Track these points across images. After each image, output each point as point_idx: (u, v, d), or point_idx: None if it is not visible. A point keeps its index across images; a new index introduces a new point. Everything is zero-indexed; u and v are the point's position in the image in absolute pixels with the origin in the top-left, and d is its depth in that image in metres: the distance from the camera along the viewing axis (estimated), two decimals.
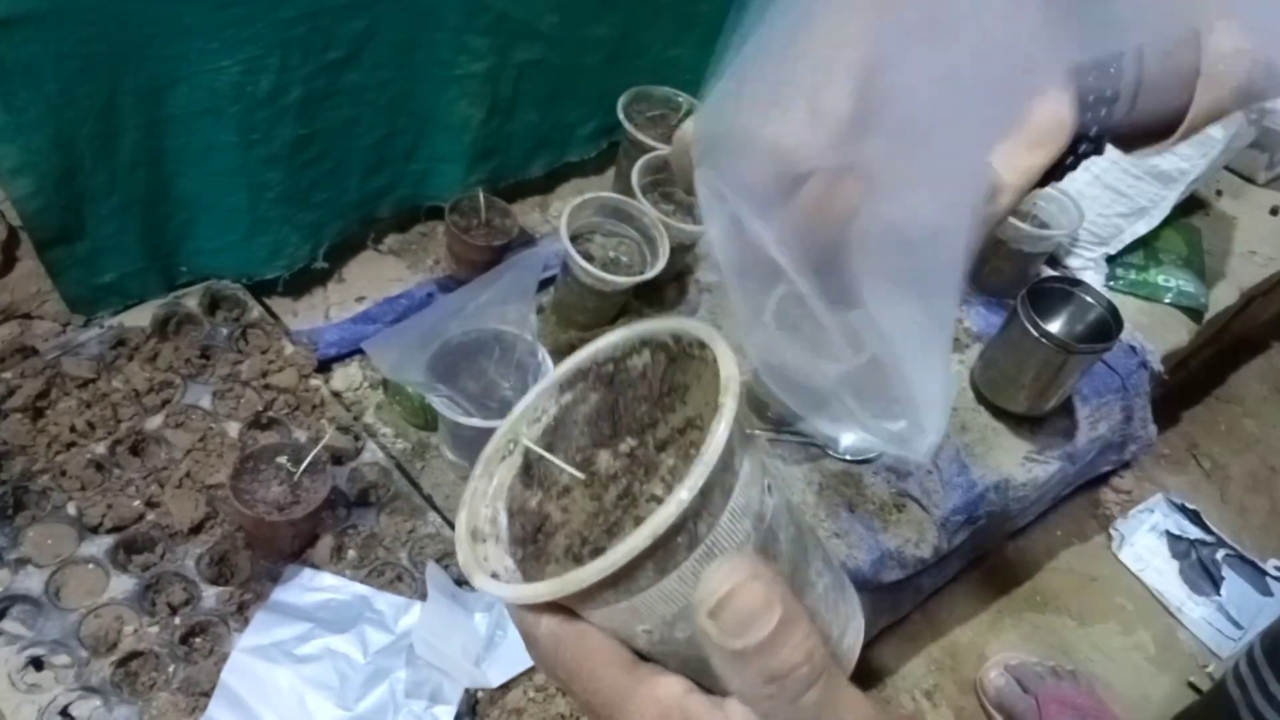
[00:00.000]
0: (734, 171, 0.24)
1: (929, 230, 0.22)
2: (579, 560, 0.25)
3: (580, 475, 0.27)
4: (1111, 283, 1.25)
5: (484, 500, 0.28)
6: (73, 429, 0.75)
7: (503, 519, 0.28)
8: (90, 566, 0.70)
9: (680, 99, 1.08)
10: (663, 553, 0.22)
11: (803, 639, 0.21)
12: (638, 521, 0.22)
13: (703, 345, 0.25)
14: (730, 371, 0.24)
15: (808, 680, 0.21)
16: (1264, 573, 1.39)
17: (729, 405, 0.22)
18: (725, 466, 0.22)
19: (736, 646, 0.20)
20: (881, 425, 0.25)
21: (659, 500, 0.24)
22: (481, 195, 0.95)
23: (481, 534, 0.27)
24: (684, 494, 0.21)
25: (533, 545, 0.27)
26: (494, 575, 0.26)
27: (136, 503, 0.73)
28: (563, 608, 0.24)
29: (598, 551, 0.23)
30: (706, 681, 0.24)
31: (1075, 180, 1.13)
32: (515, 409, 0.29)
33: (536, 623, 0.24)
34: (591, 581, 0.22)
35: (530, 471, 0.28)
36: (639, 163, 0.97)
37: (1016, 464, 1.04)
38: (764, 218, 0.24)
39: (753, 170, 0.24)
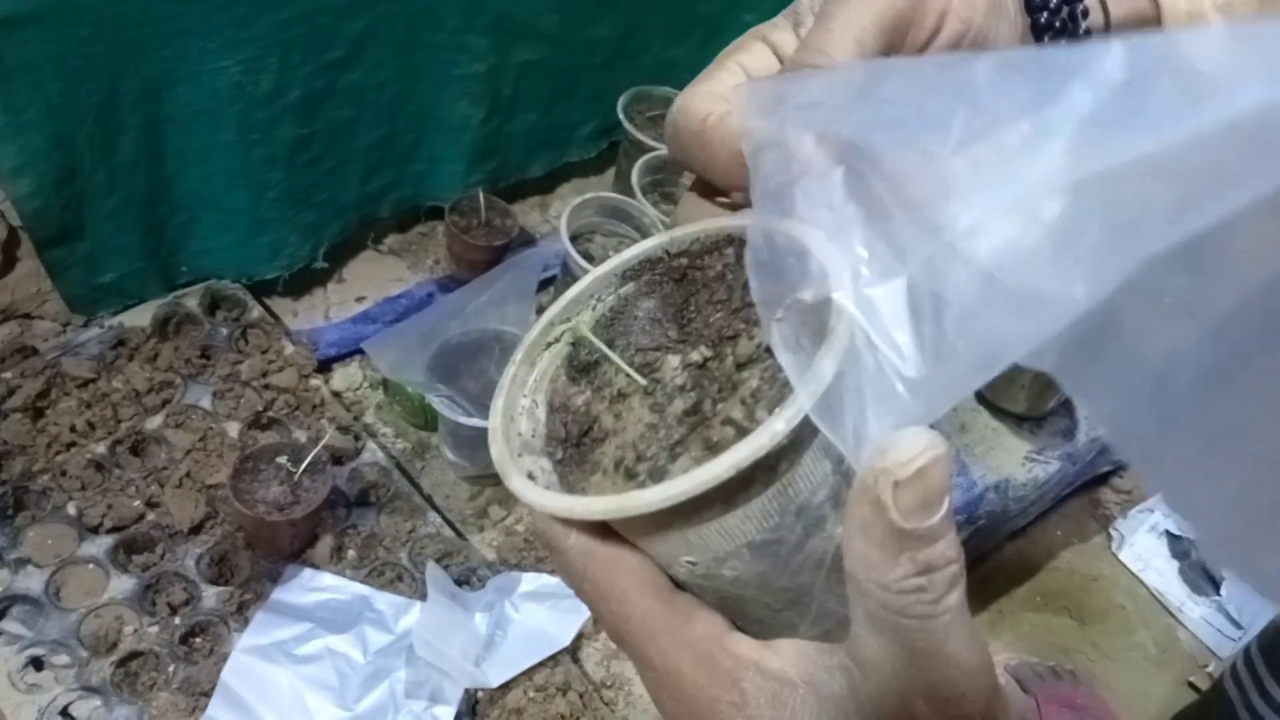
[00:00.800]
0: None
1: None
2: (632, 476, 0.22)
3: (642, 380, 0.23)
4: None
5: (523, 390, 0.25)
6: (73, 429, 0.75)
7: (541, 413, 0.25)
8: (90, 566, 0.70)
9: None
10: (737, 486, 0.19)
11: (955, 534, 0.18)
12: (707, 444, 0.21)
13: (804, 255, 0.21)
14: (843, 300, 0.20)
15: (955, 579, 0.19)
16: None
17: (840, 332, 0.19)
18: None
19: (910, 526, 0.18)
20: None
21: (735, 425, 0.21)
22: (481, 195, 0.95)
23: (518, 428, 0.24)
24: (780, 425, 0.19)
25: (575, 448, 0.24)
26: (530, 476, 0.23)
27: (136, 503, 0.73)
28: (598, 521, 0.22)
29: (658, 471, 0.21)
30: (741, 622, 0.22)
31: None
32: (568, 292, 0.26)
33: (566, 533, 0.22)
34: (655, 509, 0.19)
35: (578, 365, 0.25)
36: (639, 163, 0.97)
37: (1016, 464, 1.04)
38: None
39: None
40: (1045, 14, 0.28)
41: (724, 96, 0.25)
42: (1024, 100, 0.18)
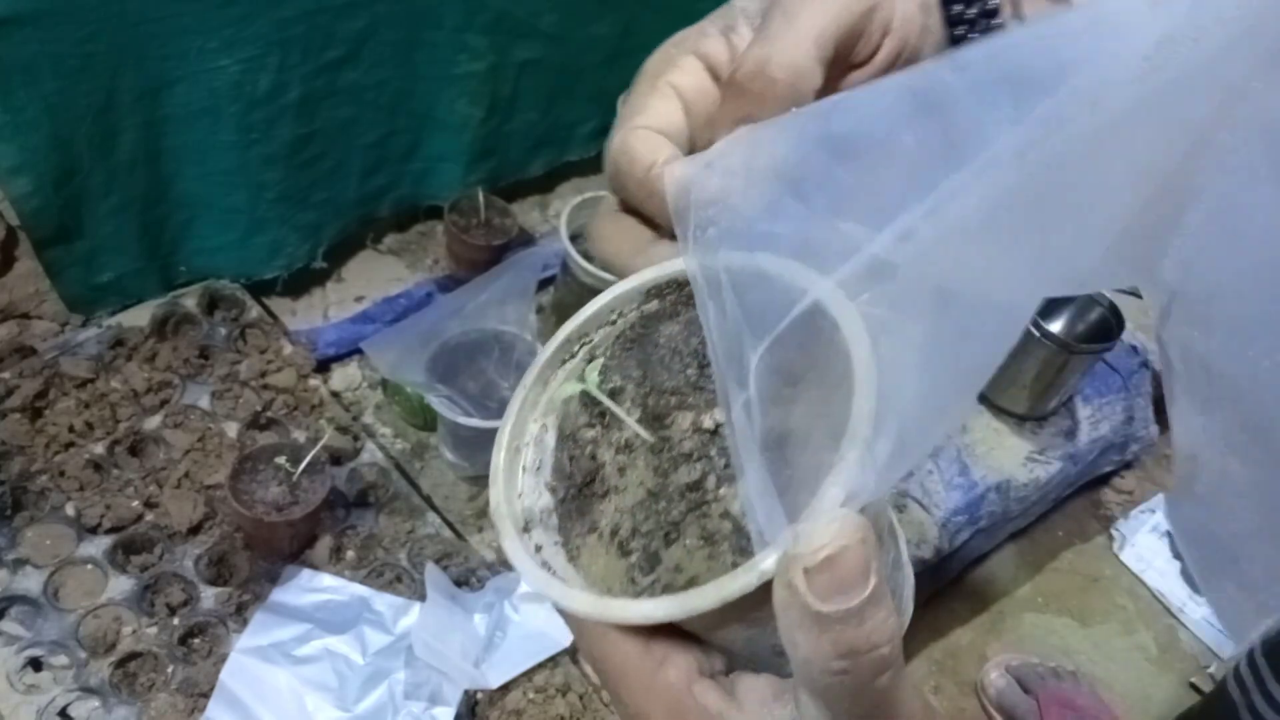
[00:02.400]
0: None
1: None
2: (625, 552, 0.22)
3: (649, 438, 0.22)
4: None
5: (533, 412, 0.24)
6: (71, 429, 0.75)
7: (550, 439, 0.24)
8: (89, 567, 0.70)
9: None
10: (725, 607, 0.19)
11: (886, 617, 0.19)
12: (703, 532, 0.20)
13: (823, 315, 0.20)
14: (864, 409, 0.18)
15: (885, 663, 0.19)
16: None
17: (848, 459, 0.18)
18: None
19: (825, 610, 0.18)
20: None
21: (733, 521, 0.21)
22: (481, 195, 0.95)
23: (523, 461, 0.24)
24: (768, 564, 0.18)
25: (577, 494, 0.23)
26: (526, 528, 0.23)
27: (135, 503, 0.73)
28: None
29: (650, 557, 0.21)
30: (738, 663, 0.22)
31: None
32: (588, 307, 0.25)
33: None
34: (648, 622, 0.20)
35: (592, 401, 0.24)
36: None
37: (1018, 464, 1.04)
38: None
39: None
40: (964, 27, 0.28)
41: (665, 137, 0.25)
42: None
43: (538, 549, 0.23)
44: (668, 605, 0.20)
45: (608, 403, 0.23)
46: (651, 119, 0.26)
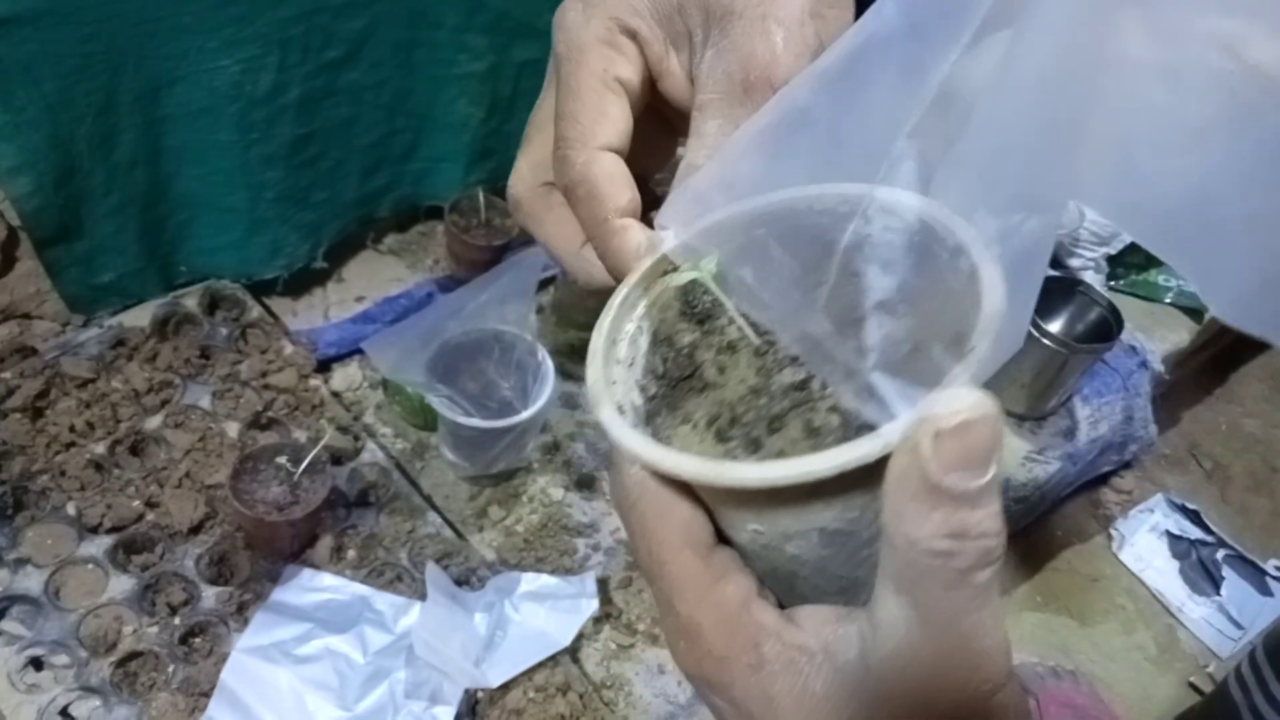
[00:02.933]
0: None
1: None
2: (723, 439, 0.21)
3: (756, 339, 0.22)
4: (1112, 282, 1.25)
5: (631, 313, 0.24)
6: (72, 429, 0.75)
7: (644, 341, 0.24)
8: (90, 566, 0.70)
9: None
10: (832, 480, 0.19)
11: (998, 512, 0.18)
12: (808, 426, 0.20)
13: (960, 253, 0.20)
14: (995, 305, 0.19)
15: (989, 556, 0.18)
16: (1264, 573, 1.39)
17: (979, 348, 0.18)
18: None
19: (945, 482, 0.17)
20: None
21: (842, 415, 0.20)
22: (481, 195, 0.95)
23: (618, 354, 0.24)
24: (896, 436, 0.18)
25: (670, 390, 0.23)
26: (620, 410, 0.22)
27: (136, 503, 0.73)
28: None
29: (751, 443, 0.20)
30: (782, 594, 0.22)
31: None
32: (699, 223, 0.24)
33: (630, 464, 0.22)
34: (746, 486, 0.19)
35: (693, 304, 0.24)
36: None
37: (1016, 464, 1.04)
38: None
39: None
40: None
41: (619, 156, 0.27)
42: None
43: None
44: (784, 468, 0.19)
45: (719, 293, 0.23)
46: (610, 135, 0.26)
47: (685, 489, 0.22)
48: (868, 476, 0.19)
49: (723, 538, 0.22)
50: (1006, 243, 0.20)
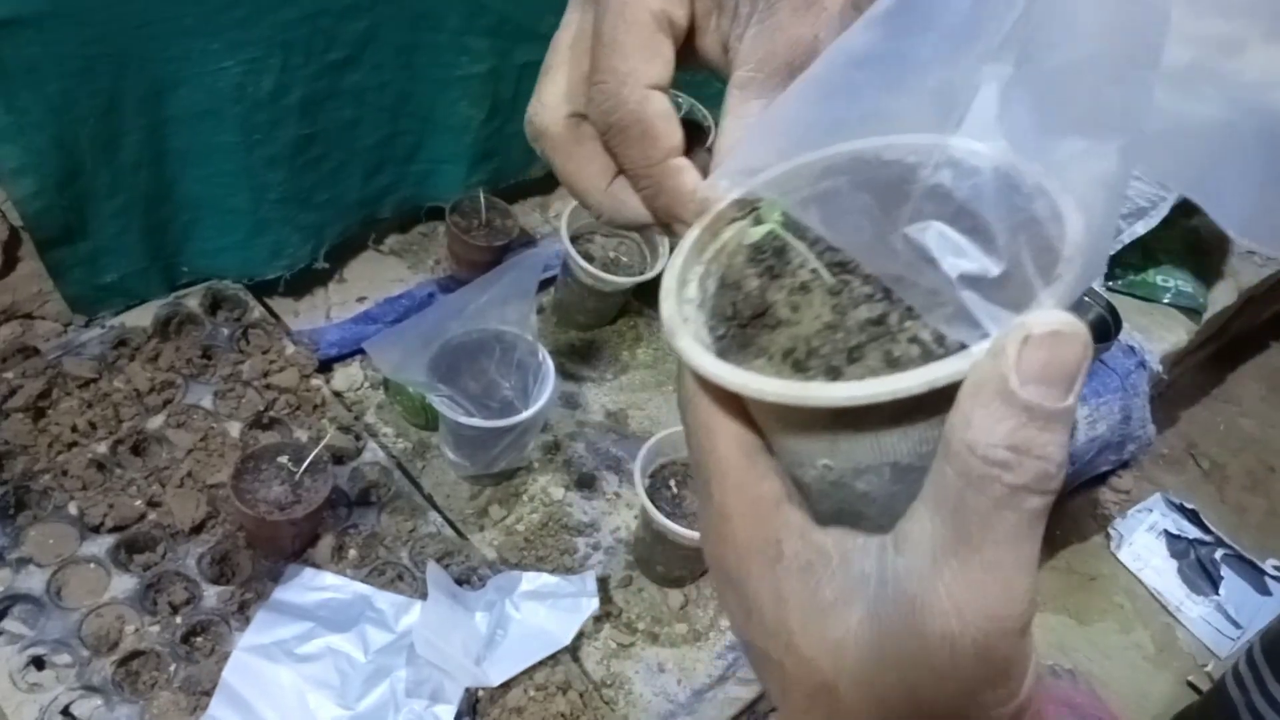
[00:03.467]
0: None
1: None
2: (801, 369, 0.21)
3: (830, 278, 0.22)
4: (1110, 283, 1.25)
5: (699, 256, 0.24)
6: (74, 429, 0.75)
7: (712, 285, 0.24)
8: (92, 566, 0.70)
9: (680, 99, 1.09)
10: (914, 405, 0.18)
11: (1065, 445, 0.17)
12: (888, 357, 0.20)
13: (1037, 195, 0.20)
14: (1077, 235, 0.19)
15: (1045, 482, 0.17)
16: (1262, 572, 1.40)
17: (1066, 277, 0.18)
18: None
19: (1021, 393, 0.16)
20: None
21: (922, 345, 0.20)
22: (482, 196, 0.95)
23: (688, 294, 0.24)
24: (941, 373, 0.18)
25: (740, 330, 0.23)
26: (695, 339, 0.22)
27: (138, 502, 0.73)
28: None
29: (831, 370, 0.20)
30: (842, 521, 0.22)
31: None
32: (766, 173, 0.24)
33: (700, 393, 0.22)
34: (835, 404, 0.19)
35: (761, 247, 0.23)
36: None
37: None
38: None
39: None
40: None
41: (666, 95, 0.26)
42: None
43: None
44: (874, 385, 0.18)
45: (788, 237, 0.23)
46: (661, 75, 0.25)
47: (729, 420, 0.22)
48: (947, 401, 0.18)
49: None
50: (1080, 167, 0.19)
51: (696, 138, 0.27)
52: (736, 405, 0.22)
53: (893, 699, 0.19)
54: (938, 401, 0.18)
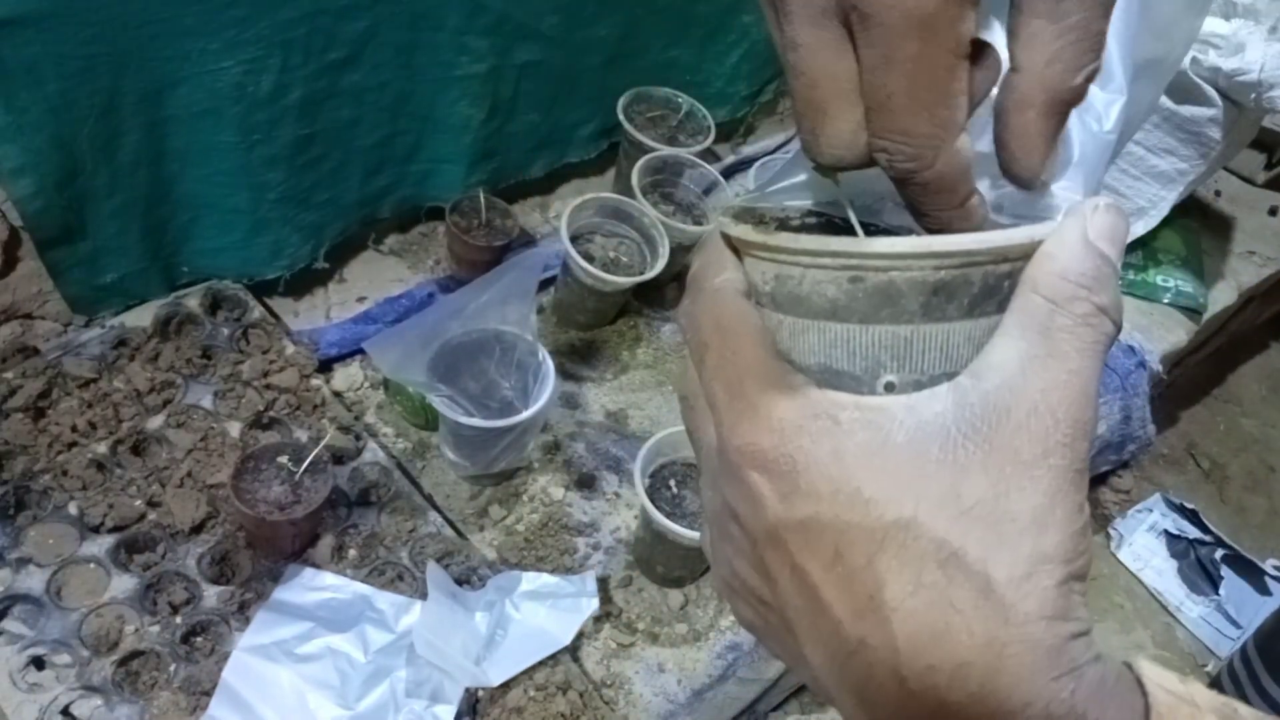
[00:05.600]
0: None
1: None
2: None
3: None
4: None
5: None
6: (74, 429, 0.75)
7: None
8: (91, 566, 0.70)
9: (680, 100, 1.09)
10: (982, 292, 0.20)
11: (1117, 295, 0.21)
12: None
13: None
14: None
15: (1117, 311, 0.21)
16: (1263, 572, 1.40)
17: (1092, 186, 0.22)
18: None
19: (1100, 243, 0.21)
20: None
21: None
22: (482, 196, 0.95)
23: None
24: (1044, 230, 0.21)
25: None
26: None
27: (138, 502, 0.73)
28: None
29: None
30: None
31: None
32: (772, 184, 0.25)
33: (719, 270, 0.23)
34: (910, 250, 0.20)
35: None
36: (639, 163, 0.98)
37: None
38: None
39: None
40: None
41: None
42: None
43: None
44: (947, 241, 0.20)
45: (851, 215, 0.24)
46: (963, 116, 0.23)
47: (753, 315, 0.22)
48: (1001, 300, 0.21)
49: None
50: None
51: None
52: (759, 319, 0.23)
53: (979, 510, 0.19)
54: (1003, 293, 0.21)
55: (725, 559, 0.23)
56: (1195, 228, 1.36)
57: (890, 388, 0.21)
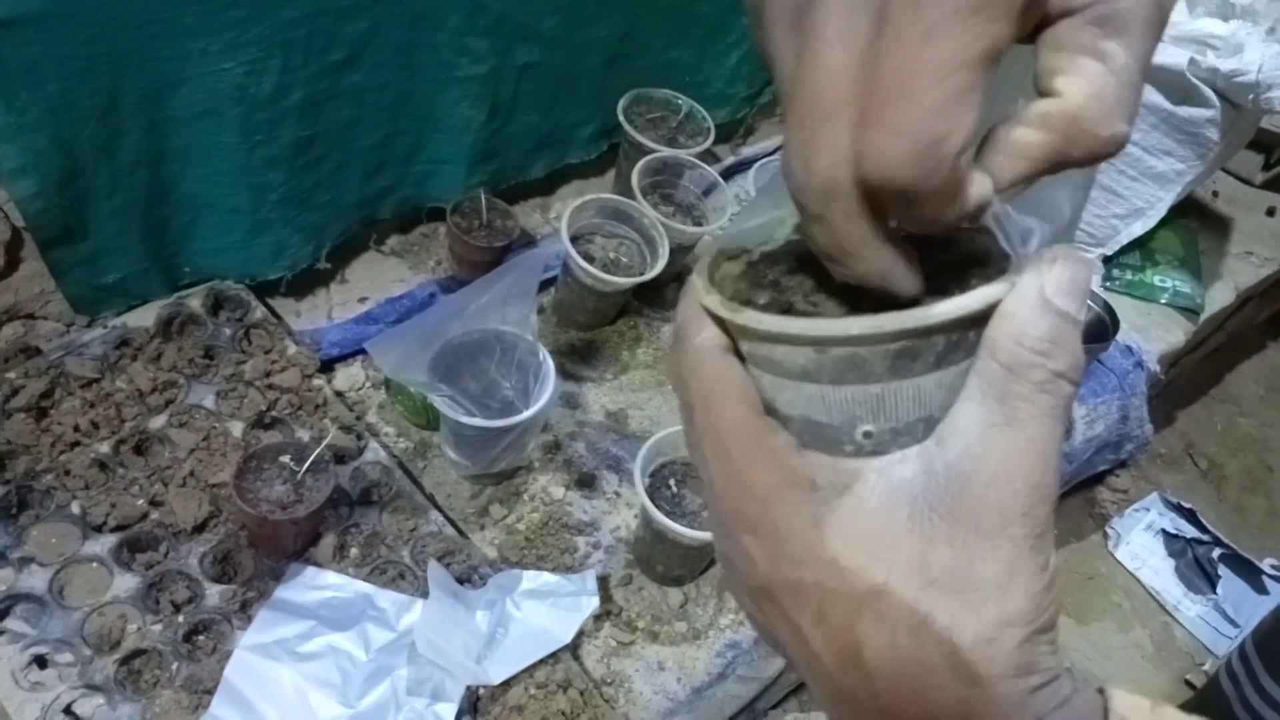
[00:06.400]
0: None
1: None
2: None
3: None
4: (1108, 283, 1.26)
5: (707, 279, 0.24)
6: (76, 428, 0.75)
7: (743, 283, 0.24)
8: (94, 565, 0.70)
9: (680, 101, 1.09)
10: (960, 340, 0.21)
11: (1080, 350, 0.21)
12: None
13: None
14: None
15: (1076, 373, 0.21)
16: (1260, 571, 1.40)
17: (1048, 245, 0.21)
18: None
19: (1057, 300, 0.20)
20: None
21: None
22: (483, 196, 0.96)
23: (720, 275, 0.24)
24: (997, 290, 0.20)
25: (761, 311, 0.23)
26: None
27: (140, 502, 0.73)
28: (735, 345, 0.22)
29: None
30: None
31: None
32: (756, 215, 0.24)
33: (699, 329, 0.23)
34: (878, 330, 0.20)
35: (762, 275, 0.24)
36: (639, 164, 0.98)
37: None
38: None
39: None
40: None
41: None
42: None
43: None
44: (901, 317, 0.20)
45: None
46: (970, 133, 0.19)
47: (737, 365, 0.23)
48: (971, 349, 0.21)
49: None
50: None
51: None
52: (741, 375, 0.23)
53: (946, 580, 0.20)
54: (969, 342, 0.21)
55: (733, 589, 0.26)
56: (1193, 228, 1.36)
57: (869, 435, 0.22)
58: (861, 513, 0.21)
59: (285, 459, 0.71)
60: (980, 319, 0.21)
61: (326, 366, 0.89)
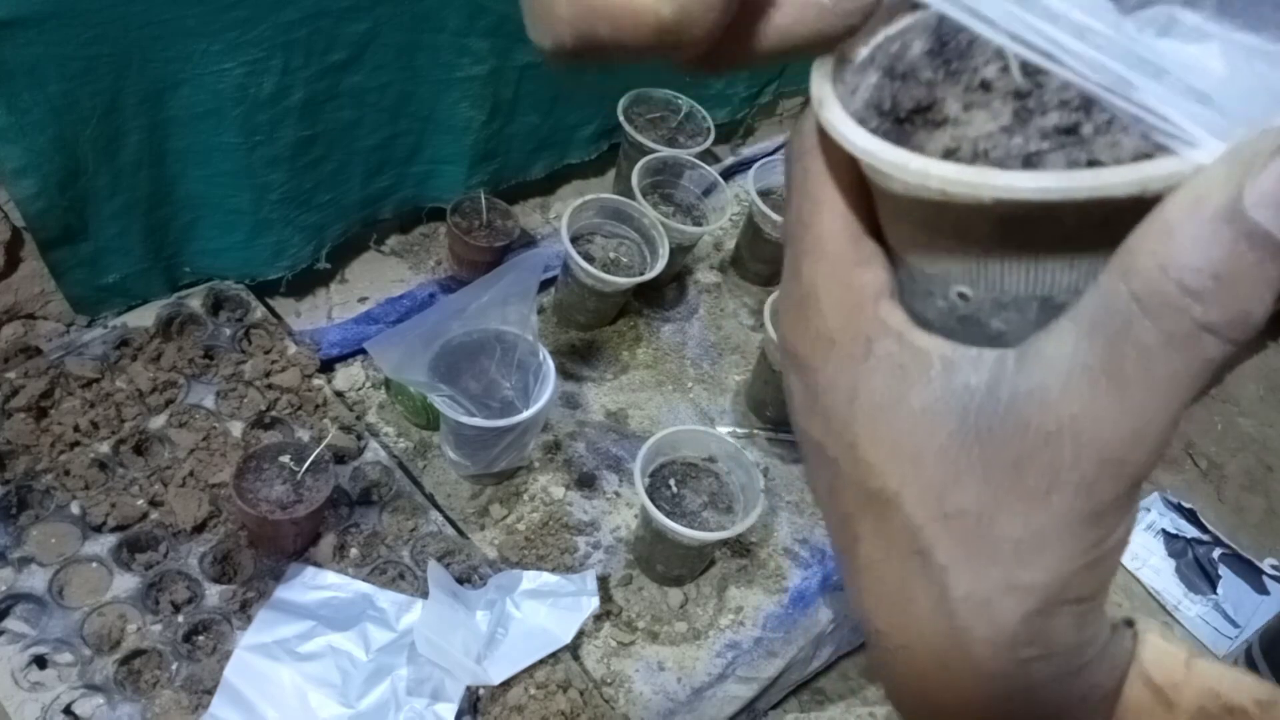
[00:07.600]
0: None
1: None
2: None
3: (1020, 80, 0.18)
4: None
5: (869, 38, 0.21)
6: (76, 428, 0.75)
7: (874, 77, 0.21)
8: (94, 565, 0.70)
9: (680, 101, 1.09)
10: (1104, 222, 0.15)
11: (1273, 296, 0.14)
12: (1071, 164, 0.16)
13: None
14: None
15: (1243, 329, 0.14)
16: (1260, 571, 1.40)
17: None
18: None
19: (1254, 212, 0.13)
20: None
21: (1117, 161, 0.16)
22: (483, 196, 0.96)
23: (843, 76, 0.20)
24: (1205, 157, 0.14)
25: (896, 125, 0.19)
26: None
27: (140, 502, 0.73)
28: (850, 183, 0.18)
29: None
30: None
31: None
32: None
33: (815, 153, 0.18)
34: (1012, 197, 0.15)
35: (944, 38, 0.20)
36: (639, 164, 0.98)
37: None
38: None
39: None
40: None
41: None
42: None
43: None
44: (1068, 179, 0.15)
45: (972, 23, 0.18)
46: None
47: (855, 185, 0.18)
48: (1138, 209, 0.15)
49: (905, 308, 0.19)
50: None
51: None
52: (858, 194, 0.19)
53: (958, 522, 0.17)
54: (1128, 226, 0.15)
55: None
56: None
57: (964, 298, 0.18)
58: (901, 411, 0.17)
59: (285, 459, 0.71)
60: (1136, 207, 0.15)
61: (326, 366, 0.89)
